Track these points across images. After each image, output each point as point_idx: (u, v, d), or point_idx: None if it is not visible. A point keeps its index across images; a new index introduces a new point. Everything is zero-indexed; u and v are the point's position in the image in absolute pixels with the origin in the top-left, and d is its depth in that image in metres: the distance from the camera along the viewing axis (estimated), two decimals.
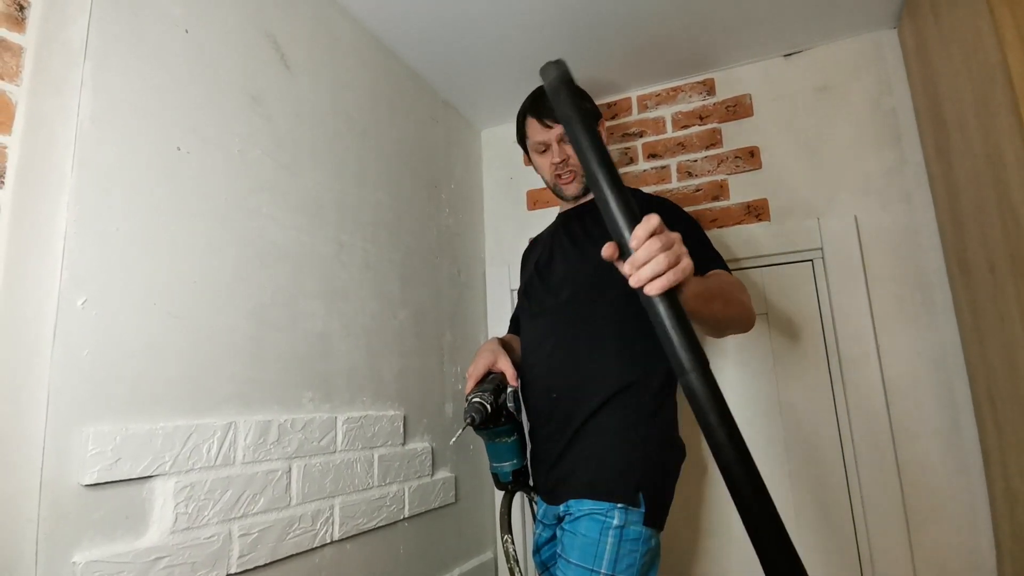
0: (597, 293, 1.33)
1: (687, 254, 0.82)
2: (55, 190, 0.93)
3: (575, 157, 1.41)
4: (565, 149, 1.43)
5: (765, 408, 1.79)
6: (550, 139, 1.43)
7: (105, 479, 0.92)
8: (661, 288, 0.79)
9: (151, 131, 1.07)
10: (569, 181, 1.46)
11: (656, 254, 0.79)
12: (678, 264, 0.80)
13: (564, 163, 1.43)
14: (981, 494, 1.51)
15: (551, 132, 1.43)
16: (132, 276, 1.01)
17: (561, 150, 1.43)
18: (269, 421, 1.21)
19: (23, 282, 0.89)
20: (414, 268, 1.79)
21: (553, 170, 1.46)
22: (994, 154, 1.23)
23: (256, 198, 1.27)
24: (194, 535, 1.03)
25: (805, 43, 1.85)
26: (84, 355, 0.93)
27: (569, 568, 1.16)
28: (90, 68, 0.98)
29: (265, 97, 1.33)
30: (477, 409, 1.22)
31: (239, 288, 1.21)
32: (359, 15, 1.64)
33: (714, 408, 0.79)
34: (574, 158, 1.42)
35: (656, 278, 0.79)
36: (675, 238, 0.83)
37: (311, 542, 1.26)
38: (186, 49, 1.16)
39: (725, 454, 0.79)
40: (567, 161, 1.43)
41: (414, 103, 1.91)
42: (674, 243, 0.82)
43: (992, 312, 1.32)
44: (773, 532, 0.81)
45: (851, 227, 1.72)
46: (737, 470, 0.79)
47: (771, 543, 0.82)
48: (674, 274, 0.79)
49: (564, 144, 1.43)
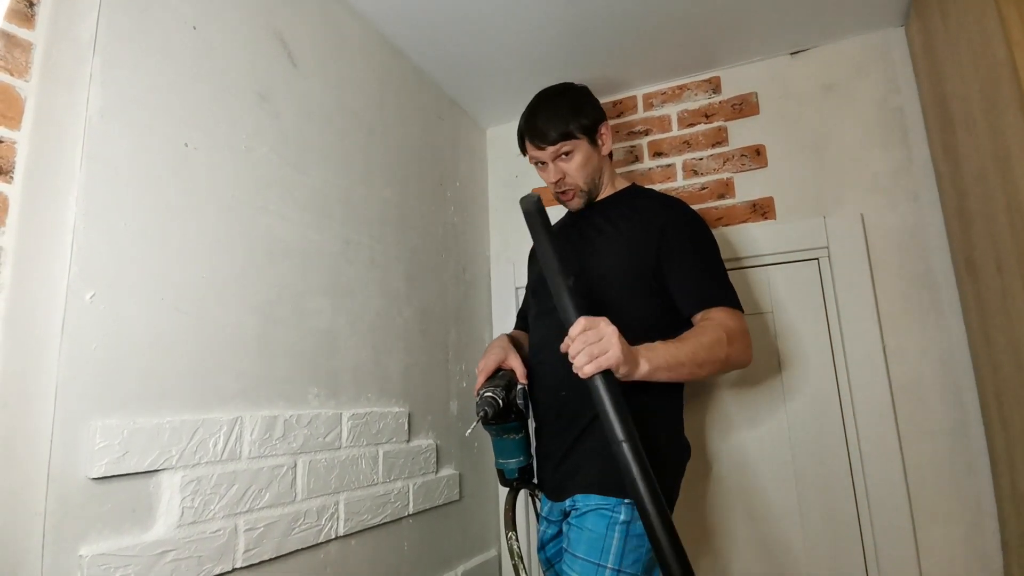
0: (608, 293, 1.33)
1: (615, 346, 1.03)
2: (64, 185, 0.94)
3: (571, 175, 1.42)
4: (561, 167, 1.42)
5: (770, 408, 1.79)
6: (545, 158, 1.43)
7: (112, 472, 0.93)
8: (587, 374, 1.02)
9: (159, 127, 1.08)
10: (570, 199, 1.46)
11: (582, 347, 1.03)
12: (602, 356, 1.02)
13: (561, 182, 1.43)
14: (988, 494, 1.51)
15: (545, 152, 1.42)
16: (140, 271, 1.02)
17: (557, 169, 1.43)
18: (275, 416, 1.22)
19: (32, 276, 0.89)
20: (419, 266, 1.79)
21: (553, 188, 1.46)
22: (1001, 153, 1.22)
23: (263, 195, 1.28)
24: (200, 529, 1.03)
25: (812, 41, 1.85)
26: (92, 349, 0.93)
27: (576, 562, 1.16)
28: (99, 64, 0.99)
29: (272, 94, 1.33)
30: (490, 403, 1.23)
31: (246, 284, 1.21)
32: (366, 13, 1.65)
33: (642, 477, 0.96)
34: (570, 176, 1.42)
35: (585, 366, 1.02)
36: (604, 333, 1.04)
37: (316, 537, 1.27)
38: (194, 46, 1.16)
39: (649, 518, 0.94)
40: (564, 180, 1.43)
41: (420, 101, 1.91)
42: (602, 337, 1.04)
43: (1000, 311, 1.31)
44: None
45: (857, 226, 1.72)
46: (662, 534, 0.94)
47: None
48: (595, 366, 1.02)
49: (559, 161, 1.42)
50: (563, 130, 1.39)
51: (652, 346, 1.14)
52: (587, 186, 1.44)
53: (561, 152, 1.41)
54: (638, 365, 1.09)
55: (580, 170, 1.42)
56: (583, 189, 1.44)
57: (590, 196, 1.46)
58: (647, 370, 1.10)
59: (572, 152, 1.41)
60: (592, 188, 1.45)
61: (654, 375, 1.11)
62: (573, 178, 1.42)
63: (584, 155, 1.41)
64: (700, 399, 1.85)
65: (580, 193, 1.44)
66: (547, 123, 1.40)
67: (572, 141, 1.39)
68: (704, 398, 1.86)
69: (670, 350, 1.15)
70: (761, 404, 1.80)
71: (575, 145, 1.40)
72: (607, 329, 1.05)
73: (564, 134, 1.39)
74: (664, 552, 0.93)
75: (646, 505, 0.95)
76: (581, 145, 1.41)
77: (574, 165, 1.41)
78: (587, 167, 1.42)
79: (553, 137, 1.39)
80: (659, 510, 0.95)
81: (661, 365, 1.12)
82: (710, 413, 1.85)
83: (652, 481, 0.96)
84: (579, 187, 1.43)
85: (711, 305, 1.28)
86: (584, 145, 1.41)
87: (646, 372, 1.10)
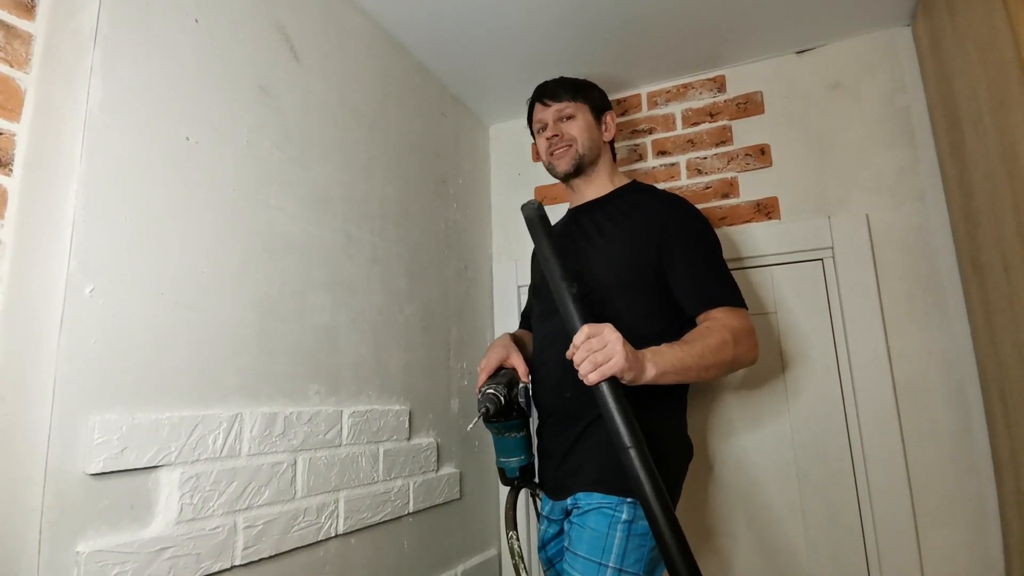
0: (610, 291, 1.32)
1: (619, 352, 1.03)
2: (64, 177, 0.93)
3: (568, 133, 1.46)
4: (560, 126, 1.47)
5: (773, 408, 1.78)
6: (547, 117, 1.49)
7: (111, 468, 0.92)
8: (591, 382, 1.04)
9: (160, 120, 1.07)
10: (561, 156, 1.47)
11: (586, 355, 1.04)
12: (606, 363, 1.03)
13: (558, 138, 1.46)
14: (991, 496, 1.50)
15: (548, 110, 1.49)
16: (140, 265, 1.01)
17: (556, 126, 1.48)
18: (275, 413, 1.21)
19: (31, 269, 0.88)
20: (421, 263, 1.78)
21: (547, 146, 1.49)
22: (1009, 153, 1.21)
23: (264, 189, 1.27)
24: (199, 526, 1.03)
25: (818, 40, 1.84)
26: (91, 344, 0.92)
27: (577, 561, 1.16)
28: (100, 56, 0.98)
29: (274, 88, 1.32)
30: (492, 400, 1.23)
31: (247, 279, 1.21)
32: (368, 8, 1.64)
33: (649, 482, 0.96)
34: (567, 134, 1.46)
35: (590, 374, 1.03)
36: (607, 340, 1.04)
37: (316, 535, 1.26)
38: (196, 38, 1.15)
39: (658, 524, 0.95)
40: (561, 136, 1.46)
41: (423, 97, 1.90)
42: (606, 344, 1.04)
43: (1005, 313, 1.30)
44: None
45: (863, 226, 1.71)
46: (671, 539, 0.94)
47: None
48: (600, 374, 1.03)
49: (560, 122, 1.47)
50: (571, 92, 1.48)
51: (658, 350, 1.13)
52: (583, 149, 1.46)
53: (565, 112, 1.47)
54: (644, 370, 1.08)
55: (580, 132, 1.46)
56: (578, 150, 1.46)
57: (581, 162, 1.47)
58: (654, 374, 1.09)
59: (575, 116, 1.47)
60: (586, 155, 1.47)
61: (661, 379, 1.11)
62: (571, 135, 1.46)
63: (586, 122, 1.47)
64: (703, 399, 1.84)
65: (574, 155, 1.46)
66: (557, 85, 1.50)
67: (578, 104, 1.47)
68: (707, 398, 1.85)
69: (676, 354, 1.14)
70: (764, 404, 1.79)
71: (579, 109, 1.47)
72: (611, 336, 1.05)
73: (571, 96, 1.47)
74: (674, 559, 0.93)
75: (655, 512, 0.95)
76: (585, 112, 1.48)
77: (575, 126, 1.46)
78: (587, 133, 1.46)
79: (560, 95, 1.48)
80: (668, 517, 0.95)
81: (668, 369, 1.12)
82: (713, 413, 1.85)
83: (661, 488, 0.97)
84: (575, 144, 1.45)
85: (714, 304, 1.27)
86: (588, 114, 1.48)
87: (652, 376, 1.09)
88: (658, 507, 0.95)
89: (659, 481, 0.97)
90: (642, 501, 0.97)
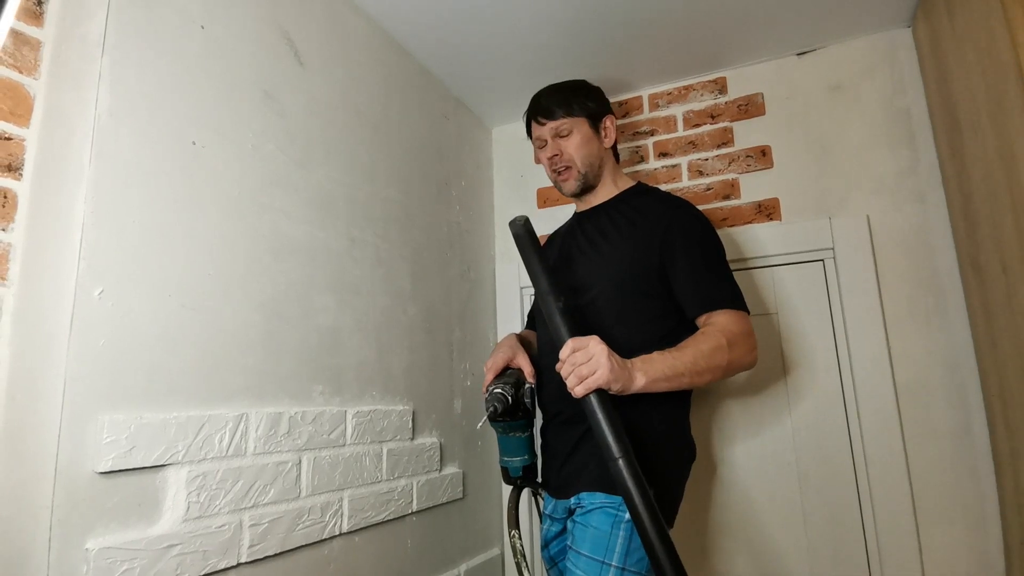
0: (616, 295, 1.33)
1: (603, 365, 1.03)
2: (73, 182, 0.94)
3: (567, 153, 1.43)
4: (558, 144, 1.44)
5: (774, 408, 1.79)
6: (544, 135, 1.46)
7: (119, 467, 0.93)
8: (579, 394, 1.04)
9: (167, 125, 1.09)
10: (564, 180, 1.46)
11: (572, 369, 1.05)
12: (591, 376, 1.03)
13: (558, 158, 1.44)
14: (991, 497, 1.50)
15: (544, 128, 1.45)
16: (148, 267, 1.02)
17: (554, 145, 1.45)
18: (280, 413, 1.23)
19: (41, 272, 0.90)
20: (424, 265, 1.79)
21: (549, 165, 1.47)
22: (1007, 155, 1.22)
23: (269, 192, 1.29)
24: (205, 524, 1.04)
25: (818, 42, 1.84)
26: (100, 345, 0.94)
27: (580, 560, 1.17)
28: (107, 62, 1.00)
29: (278, 93, 1.34)
30: (499, 399, 1.24)
31: (252, 281, 1.22)
32: (371, 12, 1.65)
33: (638, 492, 0.97)
34: (566, 153, 1.44)
35: (576, 387, 1.04)
36: (592, 353, 1.05)
37: (320, 534, 1.28)
38: (202, 44, 1.17)
39: (647, 534, 0.96)
40: (561, 156, 1.44)
41: (425, 100, 1.91)
42: (591, 357, 1.04)
43: (1005, 314, 1.31)
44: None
45: (863, 227, 1.71)
46: (659, 549, 0.96)
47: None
48: (585, 387, 1.04)
49: (557, 139, 1.44)
50: (565, 107, 1.43)
51: (649, 358, 1.13)
52: (583, 167, 1.44)
53: (561, 129, 1.44)
54: (633, 380, 1.09)
55: (578, 150, 1.43)
56: (580, 170, 1.44)
57: (586, 181, 1.46)
58: (643, 383, 1.10)
59: (572, 131, 1.43)
60: (588, 172, 1.45)
61: (651, 387, 1.11)
62: (570, 155, 1.44)
63: (583, 136, 1.44)
64: (705, 400, 1.85)
65: (577, 176, 1.45)
66: (550, 100, 1.46)
67: (573, 119, 1.43)
68: (709, 399, 1.86)
69: (667, 361, 1.14)
70: (765, 405, 1.80)
71: (575, 124, 1.43)
72: (596, 348, 1.06)
73: (565, 111, 1.43)
74: (662, 567, 0.94)
75: (644, 522, 0.96)
76: (581, 125, 1.44)
77: (572, 144, 1.43)
78: (585, 149, 1.44)
79: (554, 112, 1.43)
80: (657, 527, 0.96)
81: (658, 376, 1.12)
82: (714, 414, 1.85)
83: (650, 499, 0.97)
84: (575, 166, 1.44)
85: (714, 307, 1.27)
86: (585, 127, 1.44)
87: (642, 385, 1.10)
88: (647, 517, 0.96)
89: (648, 492, 0.97)
90: (631, 511, 0.98)
